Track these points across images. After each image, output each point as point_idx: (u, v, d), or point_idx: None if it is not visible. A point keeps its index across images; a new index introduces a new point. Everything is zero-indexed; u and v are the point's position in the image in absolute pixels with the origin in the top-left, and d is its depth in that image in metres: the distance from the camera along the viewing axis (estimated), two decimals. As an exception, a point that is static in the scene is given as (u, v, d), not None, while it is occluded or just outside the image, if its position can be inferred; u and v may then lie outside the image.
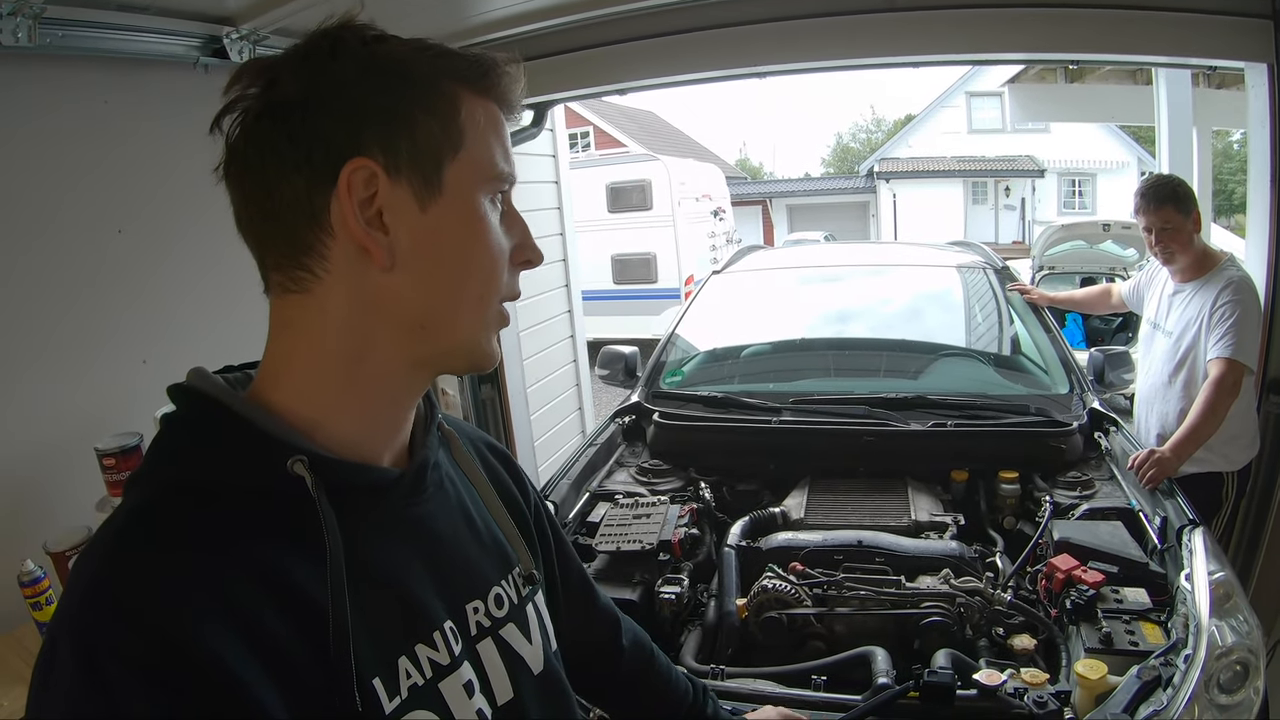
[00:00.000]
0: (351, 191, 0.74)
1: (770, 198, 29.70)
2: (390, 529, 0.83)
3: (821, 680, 1.93)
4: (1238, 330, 2.97)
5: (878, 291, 4.41)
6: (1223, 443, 3.08)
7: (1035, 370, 3.57)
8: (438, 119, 0.78)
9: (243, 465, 0.75)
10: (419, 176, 0.77)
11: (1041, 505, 2.59)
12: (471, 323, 0.83)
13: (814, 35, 3.66)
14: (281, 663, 0.67)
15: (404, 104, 0.77)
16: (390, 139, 0.76)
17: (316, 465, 0.75)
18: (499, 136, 0.84)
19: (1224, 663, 1.77)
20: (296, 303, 0.78)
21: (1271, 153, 3.40)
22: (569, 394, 5.79)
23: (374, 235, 0.75)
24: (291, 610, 0.70)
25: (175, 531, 0.69)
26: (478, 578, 0.92)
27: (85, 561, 0.70)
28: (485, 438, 1.13)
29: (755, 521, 2.62)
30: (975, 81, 25.71)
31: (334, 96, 0.75)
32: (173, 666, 0.61)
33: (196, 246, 2.57)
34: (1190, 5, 3.31)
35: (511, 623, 0.94)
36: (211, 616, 0.65)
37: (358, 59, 0.76)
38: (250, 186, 0.77)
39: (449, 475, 0.95)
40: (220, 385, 0.79)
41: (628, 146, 22.10)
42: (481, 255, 0.82)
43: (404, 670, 0.78)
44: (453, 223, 0.79)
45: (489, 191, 0.82)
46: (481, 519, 0.97)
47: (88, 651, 0.62)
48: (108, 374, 2.32)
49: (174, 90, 2.56)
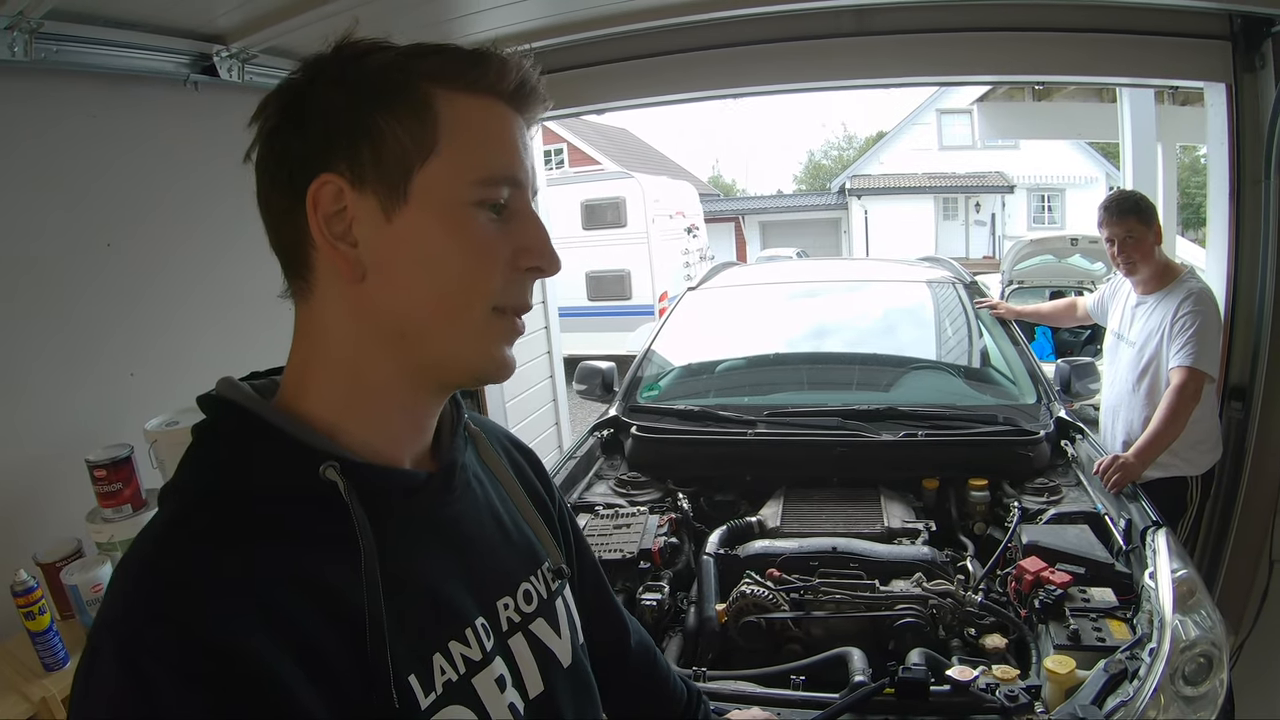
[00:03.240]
0: (318, 207, 0.76)
1: (743, 214, 29.69)
2: (421, 529, 0.85)
3: (800, 680, 1.96)
4: (1198, 340, 3.07)
5: (850, 306, 4.47)
6: (1186, 448, 3.19)
7: (1003, 381, 3.65)
8: (405, 125, 0.77)
9: (276, 472, 0.76)
10: (384, 186, 0.77)
11: (1010, 511, 2.66)
12: (455, 332, 0.81)
13: (789, 58, 3.74)
14: (320, 663, 0.69)
15: (368, 115, 0.77)
16: (355, 152, 0.77)
17: (348, 470, 0.76)
18: (496, 134, 0.82)
19: (1188, 656, 1.84)
20: (304, 312, 0.82)
21: (1230, 168, 3.53)
22: (546, 409, 5.81)
23: (340, 248, 0.77)
24: (328, 612, 0.71)
25: (213, 538, 0.71)
26: (508, 574, 0.94)
27: (126, 569, 0.72)
28: (511, 435, 1.14)
29: (732, 530, 2.65)
30: (945, 100, 25.81)
31: (306, 117, 0.78)
32: (214, 670, 0.63)
33: (185, 261, 2.59)
34: (1153, 28, 3.44)
35: (541, 617, 0.95)
36: (250, 620, 0.66)
37: (331, 77, 0.78)
38: (261, 209, 0.81)
39: (476, 474, 0.96)
40: (249, 394, 0.81)
41: (602, 164, 22.13)
42: (454, 261, 0.79)
43: (438, 667, 0.79)
44: (421, 230, 0.78)
45: (478, 195, 0.79)
46: (510, 516, 0.98)
47: (131, 656, 0.63)
48: (96, 387, 2.32)
49: (164, 107, 2.58)
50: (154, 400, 2.24)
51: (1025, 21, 3.53)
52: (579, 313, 11.93)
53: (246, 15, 2.52)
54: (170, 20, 2.44)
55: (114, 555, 2.04)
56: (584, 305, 12.42)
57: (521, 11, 3.20)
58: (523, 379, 5.35)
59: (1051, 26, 3.52)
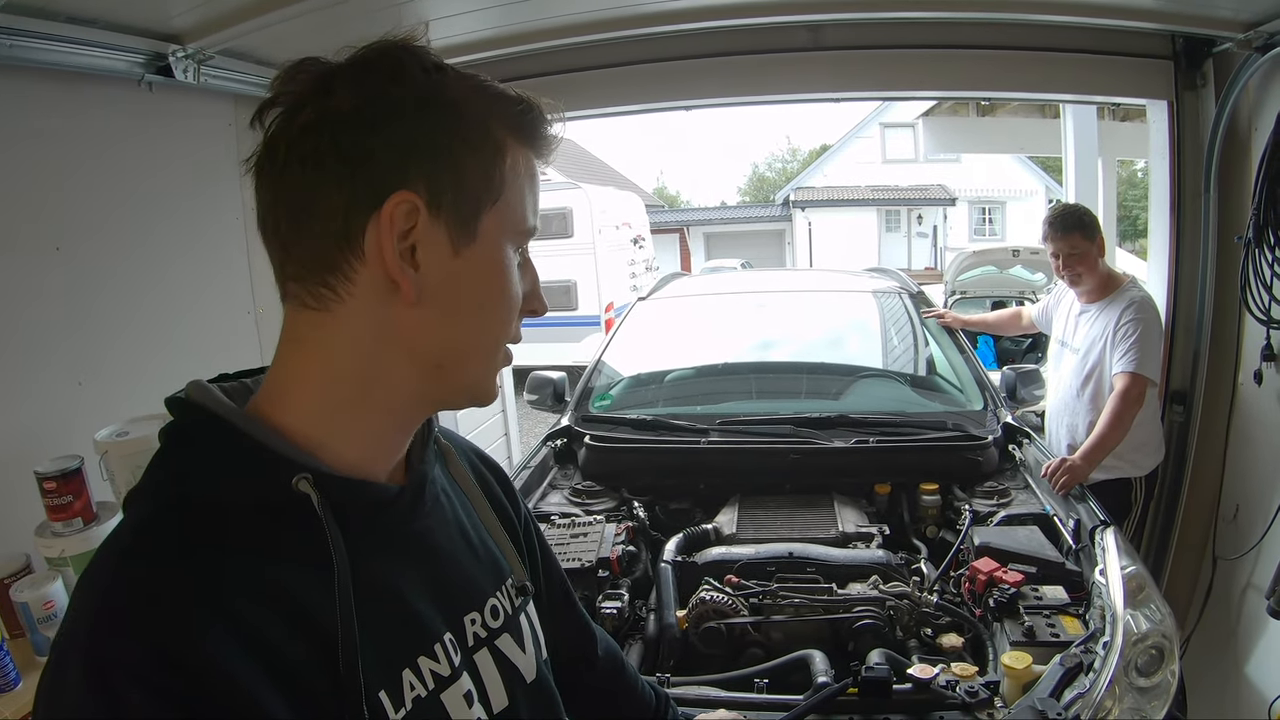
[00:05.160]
0: (393, 223, 0.74)
1: (688, 226, 29.86)
2: (391, 544, 0.84)
3: (764, 684, 1.98)
4: (1140, 346, 3.18)
5: (799, 316, 4.53)
6: (1130, 450, 3.29)
7: (950, 389, 3.73)
8: (483, 165, 0.78)
9: (247, 483, 0.74)
10: (457, 219, 0.77)
11: (961, 514, 2.71)
12: (483, 365, 0.85)
13: (743, 71, 3.79)
14: (289, 677, 0.68)
15: (456, 144, 0.77)
16: (436, 177, 0.76)
17: (321, 483, 0.75)
18: (533, 188, 0.85)
19: (1140, 648, 1.90)
20: (314, 320, 0.78)
21: (1171, 182, 3.69)
22: (495, 419, 5.79)
23: (406, 270, 0.75)
24: (298, 625, 0.70)
25: (180, 549, 0.69)
26: (475, 590, 0.93)
27: (93, 579, 0.70)
28: (478, 450, 1.13)
29: (689, 538, 2.66)
30: (889, 114, 26.32)
31: (390, 121, 0.74)
32: (184, 685, 0.62)
33: (137, 266, 2.51)
34: (1097, 47, 3.57)
35: (506, 633, 0.94)
36: (219, 633, 0.65)
37: (418, 86, 0.76)
38: (286, 191, 0.76)
39: (445, 489, 0.95)
40: (222, 400, 0.79)
41: (548, 174, 22.06)
42: (500, 303, 0.83)
43: (408, 682, 0.78)
44: (480, 269, 0.80)
45: (516, 243, 0.84)
46: (476, 531, 0.98)
47: (99, 671, 0.62)
48: (43, 396, 2.23)
49: (117, 106, 2.51)
50: (103, 410, 2.16)
51: (975, 40, 3.62)
52: (525, 324, 11.84)
53: (204, 15, 2.47)
54: (126, 18, 2.37)
55: (65, 571, 1.96)
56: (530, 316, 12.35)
57: (477, 20, 3.20)
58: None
59: (1000, 45, 3.62)
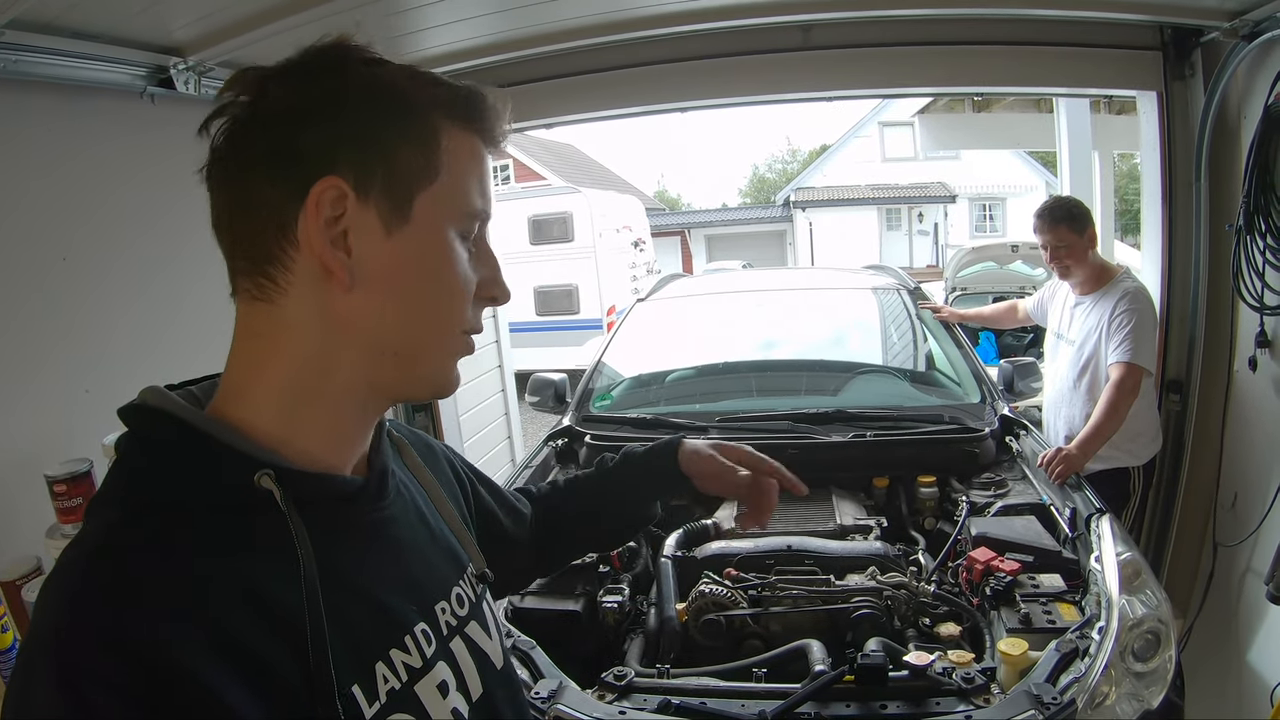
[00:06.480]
0: (319, 209, 0.75)
1: (689, 228, 29.82)
2: (358, 536, 0.84)
3: (762, 674, 2.00)
4: (1135, 336, 3.20)
5: (797, 315, 4.54)
6: (1127, 439, 3.31)
7: (948, 383, 3.75)
8: (418, 148, 0.79)
9: (208, 482, 0.75)
10: (389, 202, 0.78)
11: (959, 505, 2.73)
12: (436, 353, 0.85)
13: (737, 72, 3.81)
14: (261, 676, 0.68)
15: (387, 129, 0.78)
16: (366, 161, 0.77)
17: (284, 478, 0.75)
18: (479, 173, 0.85)
19: (1136, 633, 1.92)
20: (264, 312, 0.79)
21: (1162, 173, 3.70)
22: (499, 422, 5.81)
23: (337, 255, 0.76)
24: (268, 623, 0.70)
25: (150, 552, 0.69)
26: (441, 579, 0.94)
27: (61, 584, 0.70)
28: (416, 433, 1.14)
29: (688, 533, 2.67)
30: (887, 112, 26.27)
31: (319, 112, 0.76)
32: (151, 686, 0.62)
33: (140, 274, 2.53)
34: (1087, 40, 3.58)
35: (474, 620, 0.96)
36: (187, 634, 0.65)
37: (350, 78, 0.78)
38: (227, 190, 0.78)
39: (403, 481, 0.96)
40: (178, 402, 0.79)
41: (548, 179, 22.16)
42: (443, 285, 0.83)
43: (381, 675, 0.79)
44: (417, 250, 0.80)
45: (460, 226, 0.83)
46: (434, 522, 0.99)
47: (65, 674, 0.62)
48: (51, 403, 2.26)
49: (120, 119, 2.53)
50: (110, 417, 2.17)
51: (966, 36, 3.64)
52: (527, 328, 11.87)
53: (204, 28, 2.51)
54: (129, 32, 2.40)
55: None
56: (532, 320, 12.38)
57: (473, 28, 3.22)
58: (475, 393, 5.35)
59: (991, 40, 3.64)
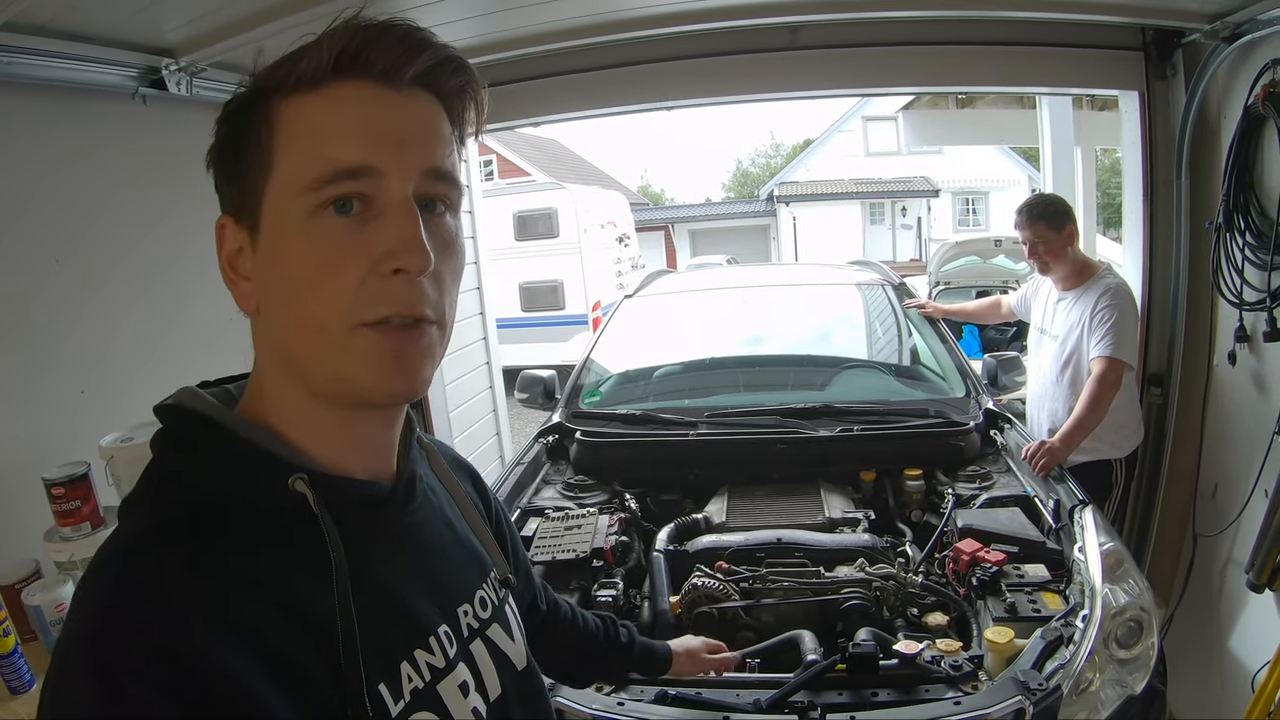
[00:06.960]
0: (222, 247, 0.79)
1: (672, 223, 29.89)
2: (386, 540, 0.85)
3: (755, 664, 2.04)
4: (1116, 331, 3.25)
5: (784, 310, 4.57)
6: (1109, 432, 3.36)
7: (933, 377, 3.79)
8: (254, 147, 0.75)
9: (244, 484, 0.76)
10: (248, 217, 0.77)
11: (945, 498, 2.78)
12: (322, 356, 0.76)
13: (724, 71, 3.86)
14: (294, 675, 0.68)
15: (232, 148, 0.77)
16: (229, 186, 0.78)
17: (316, 482, 0.76)
18: (331, 126, 0.74)
19: (1119, 621, 1.98)
20: None
21: (1143, 170, 3.77)
22: (487, 419, 5.81)
23: (237, 284, 0.79)
24: (299, 622, 0.71)
25: (185, 551, 0.70)
26: (465, 582, 0.96)
27: (98, 580, 0.70)
28: (452, 452, 1.16)
29: (680, 528, 2.72)
30: (871, 107, 26.27)
31: (216, 155, 0.80)
32: (186, 682, 0.63)
33: (134, 275, 2.55)
34: (1070, 40, 3.64)
35: (496, 623, 0.97)
36: (221, 631, 0.66)
37: (227, 110, 0.79)
38: None
39: (430, 486, 0.97)
40: (212, 403, 0.80)
41: (532, 175, 22.09)
42: (301, 281, 0.74)
43: (405, 675, 0.80)
44: (271, 253, 0.76)
45: (311, 201, 0.73)
46: (460, 526, 1.00)
47: (107, 672, 0.63)
48: (46, 405, 2.28)
49: (112, 120, 2.55)
50: (105, 418, 2.18)
51: (950, 36, 3.70)
52: (513, 324, 11.83)
53: (196, 30, 2.52)
54: (121, 34, 2.42)
55: (74, 574, 1.98)
56: (517, 316, 12.34)
57: (459, 30, 3.25)
58: (463, 390, 5.35)
59: (975, 40, 3.70)
